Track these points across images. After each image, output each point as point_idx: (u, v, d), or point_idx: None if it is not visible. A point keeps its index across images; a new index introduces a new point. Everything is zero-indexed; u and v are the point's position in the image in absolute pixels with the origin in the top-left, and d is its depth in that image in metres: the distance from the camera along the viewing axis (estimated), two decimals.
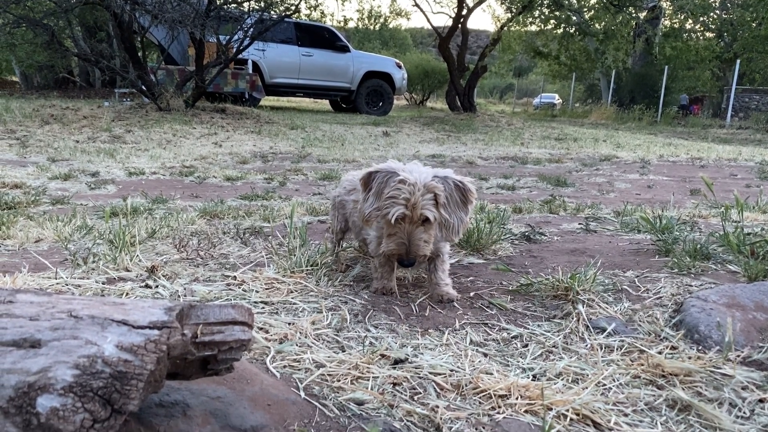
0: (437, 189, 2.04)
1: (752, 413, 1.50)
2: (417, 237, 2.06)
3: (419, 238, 2.07)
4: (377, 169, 2.13)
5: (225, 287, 2.27)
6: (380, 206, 2.08)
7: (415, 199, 2.02)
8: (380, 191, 2.09)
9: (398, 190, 2.04)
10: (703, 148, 11.47)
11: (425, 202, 2.04)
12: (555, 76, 36.27)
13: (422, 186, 2.04)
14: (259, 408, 1.38)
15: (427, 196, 2.04)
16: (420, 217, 2.05)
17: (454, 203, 2.10)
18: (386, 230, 2.15)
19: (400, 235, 2.08)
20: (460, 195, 2.11)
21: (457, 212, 2.11)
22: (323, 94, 19.15)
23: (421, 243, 2.07)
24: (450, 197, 2.09)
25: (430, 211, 2.04)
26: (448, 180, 2.11)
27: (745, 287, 2.14)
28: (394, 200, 2.05)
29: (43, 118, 10.42)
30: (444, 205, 2.07)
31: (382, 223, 2.19)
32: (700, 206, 4.58)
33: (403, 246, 2.08)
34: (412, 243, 2.06)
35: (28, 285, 2.14)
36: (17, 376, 0.96)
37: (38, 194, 4.42)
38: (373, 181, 2.13)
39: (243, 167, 6.91)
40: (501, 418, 1.45)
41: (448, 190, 2.08)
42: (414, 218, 2.05)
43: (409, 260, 2.09)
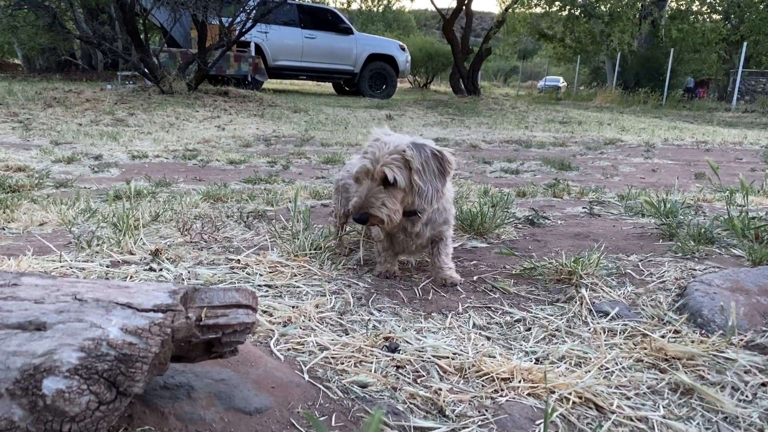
0: (407, 153, 2.00)
1: (755, 397, 1.51)
2: (374, 195, 2.01)
3: (376, 196, 2.01)
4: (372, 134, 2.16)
5: (229, 271, 2.27)
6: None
7: (379, 155, 2.00)
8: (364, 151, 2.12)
9: (370, 147, 2.05)
10: (708, 132, 11.40)
11: (390, 160, 1.99)
12: (560, 59, 35.98)
13: (393, 147, 2.02)
14: (264, 390, 1.39)
15: (393, 155, 2.00)
16: (379, 174, 2.00)
17: (431, 172, 2.05)
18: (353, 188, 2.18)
19: (360, 191, 2.05)
20: (437, 164, 2.06)
21: (434, 181, 2.06)
22: (326, 77, 19.05)
23: (376, 202, 2.01)
24: (426, 165, 2.04)
25: (390, 170, 1.98)
26: (425, 148, 2.06)
27: (749, 271, 2.14)
28: (364, 155, 2.05)
29: (46, 101, 10.40)
30: (418, 172, 2.02)
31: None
32: (704, 190, 4.57)
33: (359, 201, 2.03)
34: (366, 199, 2.01)
35: (32, 268, 2.15)
36: (23, 359, 0.96)
37: (42, 177, 4.42)
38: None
39: (246, 151, 6.89)
40: (504, 401, 1.46)
41: (423, 157, 2.04)
42: (374, 175, 2.01)
43: (357, 213, 2.02)
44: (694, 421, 1.40)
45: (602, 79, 33.53)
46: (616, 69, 28.74)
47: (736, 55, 26.05)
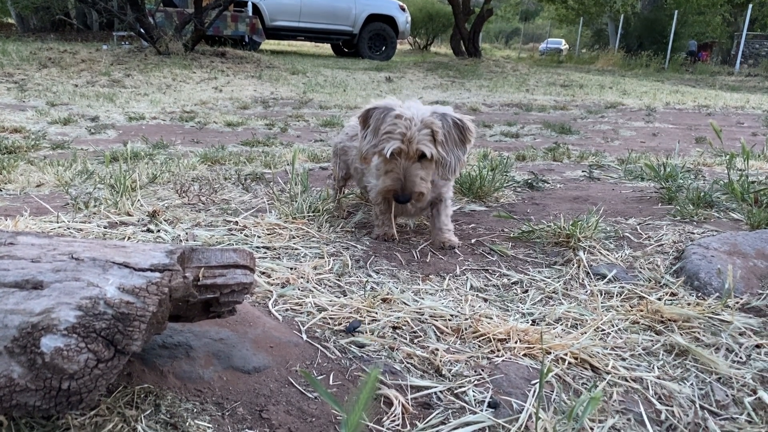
0: (435, 125, 1.99)
1: (749, 358, 1.52)
2: (413, 173, 2.00)
3: (415, 174, 2.00)
4: (375, 106, 2.08)
5: (227, 232, 2.27)
6: (377, 142, 2.04)
7: (411, 133, 1.97)
8: (377, 128, 2.04)
9: (394, 125, 1.99)
10: (710, 96, 11.30)
11: (421, 137, 1.98)
12: (562, 21, 35.39)
13: (419, 121, 1.98)
14: (262, 350, 1.40)
15: (423, 131, 1.98)
16: (416, 153, 1.99)
17: (452, 141, 2.04)
18: (383, 167, 2.10)
19: (396, 171, 2.02)
20: (458, 133, 2.05)
21: (455, 150, 2.05)
22: (325, 38, 18.75)
23: (417, 179, 2.01)
24: (448, 135, 2.02)
25: (426, 147, 1.98)
26: (447, 117, 2.03)
27: (747, 235, 2.14)
28: (390, 135, 1.99)
29: (41, 61, 10.25)
30: (442, 143, 2.01)
31: (379, 161, 2.14)
32: (704, 154, 4.55)
33: (399, 182, 2.02)
34: (408, 179, 2.00)
35: (29, 228, 2.15)
36: (20, 317, 0.96)
37: (38, 139, 4.38)
38: (370, 117, 2.08)
39: (244, 113, 6.83)
40: (500, 361, 1.48)
41: (446, 127, 2.02)
42: (410, 153, 1.99)
43: (404, 196, 2.02)
44: (688, 382, 1.42)
45: (605, 42, 33.07)
46: (619, 31, 28.29)
47: (741, 17, 25.62)
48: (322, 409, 1.25)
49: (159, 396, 1.21)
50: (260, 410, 1.22)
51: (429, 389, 1.34)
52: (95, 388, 0.97)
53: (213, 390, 1.26)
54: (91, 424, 1.10)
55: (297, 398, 1.28)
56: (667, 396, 1.37)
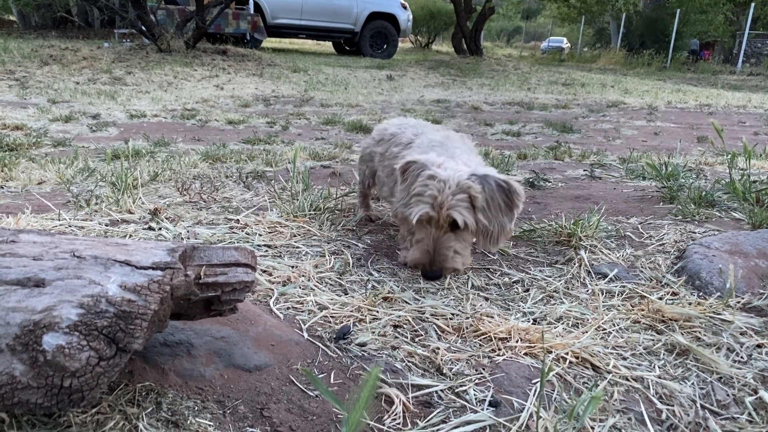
0: (473, 189, 1.72)
1: (750, 358, 1.52)
2: (444, 245, 1.74)
3: (447, 246, 1.75)
4: (414, 160, 1.83)
5: (228, 230, 2.27)
6: (406, 203, 1.81)
7: (442, 198, 1.71)
8: (410, 186, 1.81)
9: (425, 187, 1.75)
10: (712, 95, 11.28)
11: (455, 202, 1.72)
12: (564, 19, 35.34)
13: (454, 184, 1.72)
14: (263, 348, 1.40)
15: (459, 196, 1.72)
16: (447, 220, 1.73)
17: (496, 207, 1.75)
18: (413, 234, 1.86)
19: (426, 242, 1.76)
20: (503, 197, 1.76)
21: (499, 217, 1.76)
22: (326, 36, 18.72)
23: (449, 252, 1.75)
24: (491, 200, 1.75)
25: (459, 214, 1.71)
26: (489, 179, 1.75)
27: (749, 234, 2.14)
28: (419, 198, 1.75)
29: (42, 58, 10.25)
30: (483, 210, 1.74)
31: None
32: (706, 153, 4.54)
33: (427, 254, 1.75)
34: (438, 252, 1.74)
35: (31, 226, 2.15)
36: (23, 315, 0.96)
37: (39, 136, 4.38)
38: (408, 171, 1.84)
39: (245, 111, 6.82)
40: (501, 360, 1.48)
41: (488, 192, 1.74)
42: (440, 221, 1.73)
43: (432, 272, 1.76)
44: (689, 381, 1.42)
45: (606, 41, 33.03)
46: (621, 30, 28.25)
47: (743, 16, 25.56)
48: (323, 408, 1.25)
49: (160, 394, 1.21)
50: (261, 408, 1.23)
51: (430, 388, 1.35)
52: (97, 385, 0.98)
53: (214, 388, 1.26)
54: (93, 422, 1.10)
55: (298, 396, 1.28)
56: (668, 395, 1.37)
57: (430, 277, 1.78)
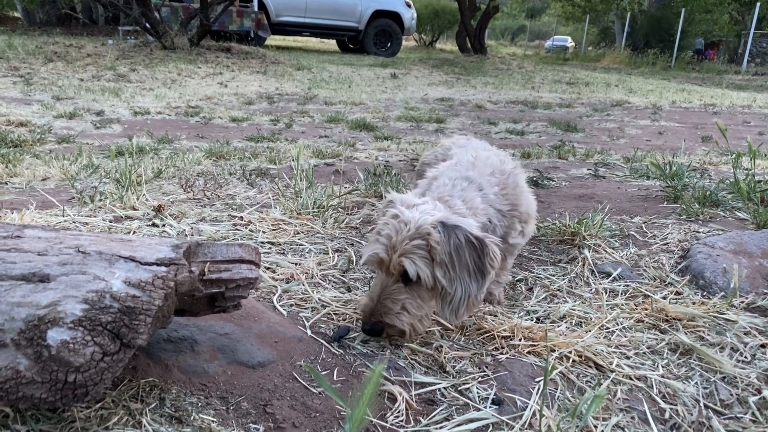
0: (432, 238, 1.41)
1: (753, 358, 1.52)
2: (392, 296, 1.45)
3: (395, 298, 1.45)
4: (392, 199, 1.59)
5: (232, 227, 2.27)
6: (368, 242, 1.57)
7: (396, 240, 1.44)
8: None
9: (385, 225, 1.49)
10: (716, 95, 11.25)
11: (410, 248, 1.42)
12: (568, 18, 35.24)
13: (414, 227, 1.43)
14: (266, 345, 1.40)
15: (416, 241, 1.42)
16: (397, 268, 1.44)
17: (462, 266, 1.43)
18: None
19: (373, 289, 1.50)
20: (474, 257, 1.43)
21: (465, 279, 1.43)
22: (330, 34, 18.71)
23: (394, 307, 1.44)
24: (456, 256, 1.42)
25: (411, 263, 1.41)
26: (458, 231, 1.43)
27: (753, 234, 2.13)
28: (376, 237, 1.51)
29: (47, 55, 10.27)
30: (443, 265, 1.42)
31: None
32: (711, 153, 4.53)
33: (370, 303, 1.47)
34: (381, 304, 1.45)
35: (35, 222, 2.16)
36: (27, 310, 0.97)
37: (44, 133, 4.39)
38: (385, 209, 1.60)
39: (249, 108, 6.83)
40: (504, 358, 1.48)
41: (453, 245, 1.42)
42: (390, 267, 1.45)
43: (370, 325, 1.46)
44: (692, 381, 1.42)
45: (611, 40, 32.93)
46: (626, 29, 28.18)
47: (749, 16, 25.45)
48: (326, 404, 1.25)
49: (164, 390, 1.21)
50: (264, 405, 1.23)
51: (433, 386, 1.35)
52: (101, 381, 0.98)
53: (217, 384, 1.26)
54: (97, 417, 1.10)
55: (301, 393, 1.28)
56: (671, 394, 1.37)
57: (366, 330, 1.47)
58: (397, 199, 1.57)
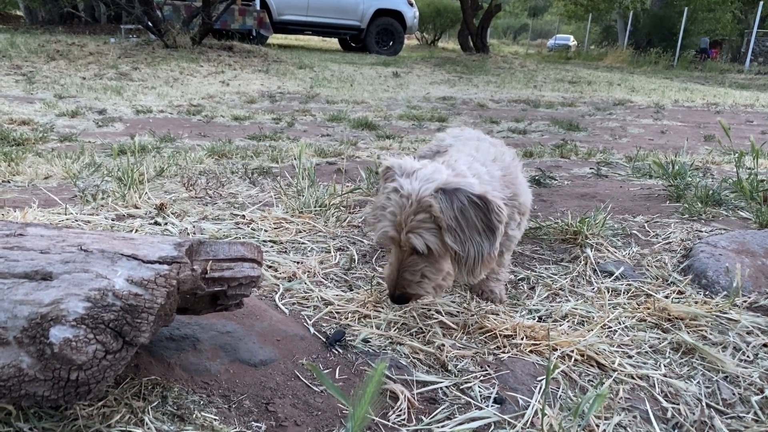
0: (434, 209, 1.43)
1: (756, 357, 1.52)
2: (410, 269, 1.50)
3: (413, 270, 1.50)
4: (390, 165, 1.59)
5: (234, 226, 2.27)
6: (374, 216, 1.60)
7: (402, 217, 1.46)
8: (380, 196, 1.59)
9: (388, 201, 1.51)
10: (719, 94, 11.22)
11: (416, 223, 1.45)
12: (570, 17, 35.19)
13: (415, 200, 1.44)
14: (269, 343, 1.41)
15: (420, 216, 1.44)
16: (407, 244, 1.48)
17: (471, 228, 1.44)
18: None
19: (392, 263, 1.54)
20: (480, 216, 1.44)
21: (476, 240, 1.45)
22: (332, 33, 18.71)
23: (414, 277, 1.50)
24: (463, 220, 1.43)
25: (419, 238, 1.45)
26: (459, 194, 1.43)
27: (756, 234, 2.13)
28: (382, 214, 1.53)
29: (49, 53, 10.27)
30: (452, 230, 1.43)
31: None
32: (713, 152, 4.52)
33: (391, 277, 1.52)
34: (402, 276, 1.50)
35: (38, 220, 2.16)
36: (30, 308, 0.97)
37: (46, 131, 4.40)
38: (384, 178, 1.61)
39: (251, 107, 6.83)
40: (506, 357, 1.48)
41: (458, 209, 1.43)
42: (402, 243, 1.49)
43: (395, 297, 1.52)
44: (694, 380, 1.42)
45: (613, 39, 32.87)
46: (628, 28, 28.13)
47: (752, 15, 25.40)
48: (328, 403, 1.25)
49: (166, 388, 1.21)
50: (266, 403, 1.23)
51: (435, 384, 1.35)
52: (103, 378, 0.98)
53: (219, 382, 1.26)
54: (99, 415, 1.11)
55: (303, 391, 1.28)
56: (673, 394, 1.37)
57: (394, 301, 1.53)
58: (395, 165, 1.56)
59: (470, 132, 2.21)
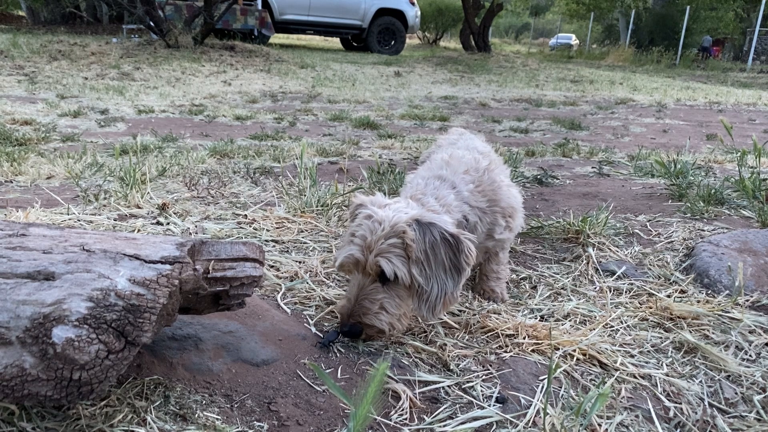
0: (407, 236, 1.42)
1: (758, 356, 1.51)
2: (370, 296, 1.46)
3: (373, 298, 1.45)
4: (361, 202, 1.58)
5: (236, 226, 2.28)
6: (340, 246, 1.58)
7: (372, 240, 1.44)
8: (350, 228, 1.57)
9: (360, 227, 1.49)
10: (721, 92, 11.20)
11: (386, 247, 1.43)
12: (572, 16, 35.17)
13: (388, 225, 1.44)
14: (270, 343, 1.41)
15: (391, 240, 1.43)
16: (374, 268, 1.44)
17: (438, 264, 1.44)
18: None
19: (350, 290, 1.51)
20: (449, 254, 1.45)
21: (441, 277, 1.44)
22: (334, 32, 18.71)
23: (373, 306, 1.45)
24: (431, 254, 1.43)
25: (388, 262, 1.42)
26: (434, 228, 1.44)
27: (758, 233, 2.12)
28: (351, 239, 1.51)
29: (51, 53, 10.29)
30: (419, 263, 1.43)
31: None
32: (715, 151, 4.51)
33: (347, 305, 1.48)
34: (360, 303, 1.45)
35: (40, 220, 2.16)
36: (32, 308, 0.97)
37: (48, 131, 4.41)
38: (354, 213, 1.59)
39: (252, 106, 6.83)
40: (508, 356, 1.47)
41: (429, 243, 1.43)
42: (367, 267, 1.45)
43: (349, 327, 1.45)
44: (696, 379, 1.41)
45: (615, 37, 32.85)
46: (630, 27, 28.10)
47: (754, 13, 25.35)
48: (330, 402, 1.26)
49: (168, 387, 1.21)
50: (269, 402, 1.23)
51: (437, 384, 1.35)
52: (106, 378, 0.98)
53: (222, 382, 1.26)
54: (102, 415, 1.11)
55: (305, 391, 1.28)
56: (675, 393, 1.36)
57: (346, 332, 1.46)
58: (366, 201, 1.57)
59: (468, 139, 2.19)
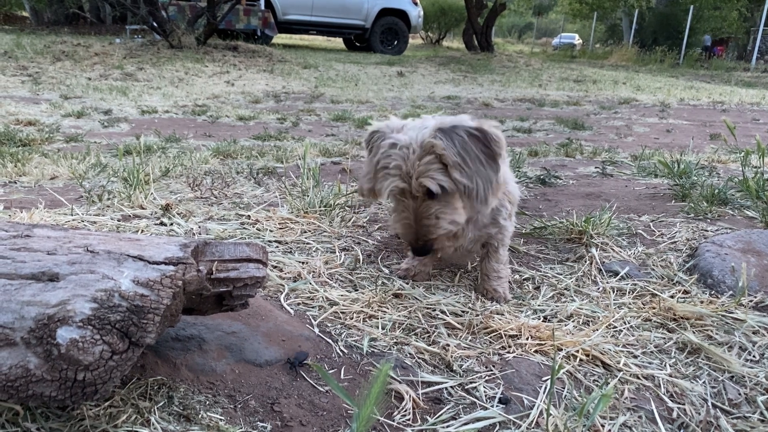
0: (438, 147, 1.49)
1: (762, 357, 1.51)
2: (426, 214, 1.54)
3: (428, 215, 1.54)
4: (375, 129, 1.65)
5: (239, 226, 2.28)
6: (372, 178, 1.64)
7: (408, 166, 1.52)
8: (374, 158, 1.62)
9: (389, 158, 1.55)
10: (725, 92, 11.18)
11: (424, 167, 1.50)
12: (576, 15, 35.13)
13: (418, 146, 1.51)
14: (274, 343, 1.41)
15: (426, 159, 1.50)
16: (419, 190, 1.53)
17: (474, 160, 1.51)
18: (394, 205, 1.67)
19: (406, 215, 1.58)
20: (480, 146, 1.52)
21: (482, 171, 1.52)
22: (337, 32, 18.72)
23: (432, 221, 1.54)
24: (465, 153, 1.50)
25: (432, 180, 1.50)
26: (458, 130, 1.52)
27: (762, 233, 2.12)
28: (386, 171, 1.57)
29: (55, 54, 10.32)
30: (458, 166, 1.50)
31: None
32: (719, 151, 4.50)
33: (410, 229, 1.57)
34: (421, 225, 1.55)
35: (44, 221, 2.17)
36: (37, 308, 0.97)
37: (52, 132, 4.42)
38: (372, 143, 1.65)
39: (255, 107, 6.84)
40: (511, 357, 1.48)
41: (459, 145, 1.50)
42: (413, 192, 1.54)
43: (420, 248, 1.58)
44: (700, 380, 1.41)
45: (619, 37, 32.80)
46: (633, 26, 28.06)
47: (758, 12, 25.27)
48: (334, 403, 1.26)
49: (172, 388, 1.22)
50: (272, 403, 1.23)
51: (440, 384, 1.35)
52: (110, 379, 0.98)
53: (225, 382, 1.27)
54: (106, 415, 1.11)
55: (308, 392, 1.28)
56: (679, 394, 1.36)
57: (419, 253, 1.59)
58: (383, 127, 1.64)
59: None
